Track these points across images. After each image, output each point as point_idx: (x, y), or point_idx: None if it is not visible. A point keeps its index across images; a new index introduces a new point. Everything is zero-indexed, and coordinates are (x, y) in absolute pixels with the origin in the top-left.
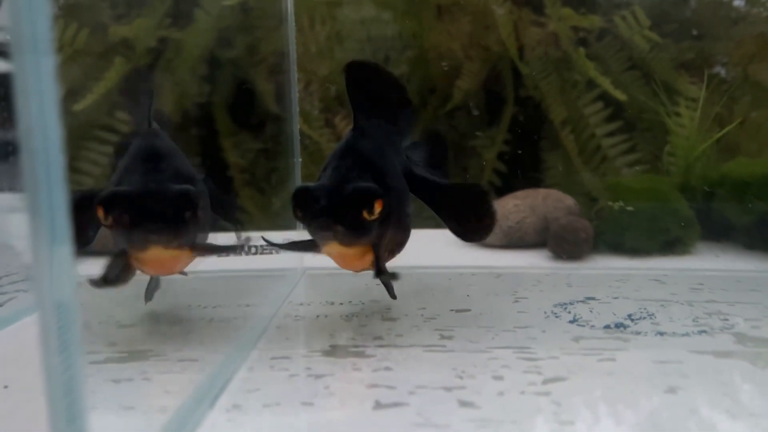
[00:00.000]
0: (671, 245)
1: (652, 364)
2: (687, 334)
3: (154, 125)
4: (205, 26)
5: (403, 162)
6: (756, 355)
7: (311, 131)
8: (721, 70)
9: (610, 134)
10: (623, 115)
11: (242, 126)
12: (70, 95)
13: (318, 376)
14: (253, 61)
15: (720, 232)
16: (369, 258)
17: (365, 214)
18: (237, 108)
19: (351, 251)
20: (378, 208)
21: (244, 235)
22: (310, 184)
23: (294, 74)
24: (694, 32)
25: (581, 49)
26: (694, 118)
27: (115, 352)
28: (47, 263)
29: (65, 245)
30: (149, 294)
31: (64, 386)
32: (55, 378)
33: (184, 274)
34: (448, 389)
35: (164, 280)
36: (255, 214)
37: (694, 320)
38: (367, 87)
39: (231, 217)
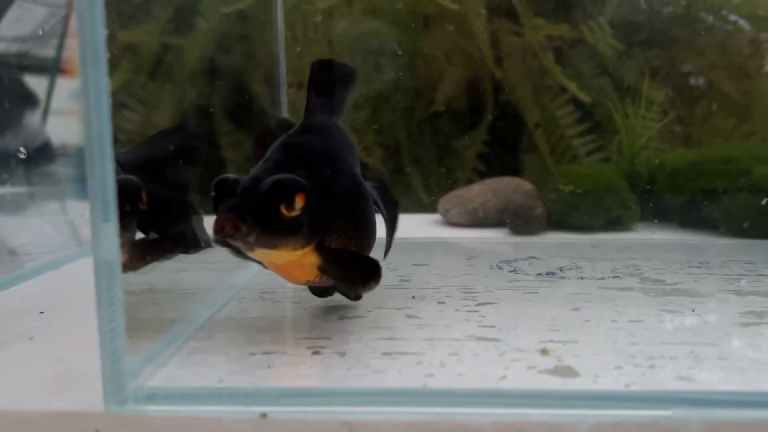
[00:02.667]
0: (613, 223)
1: (566, 294)
2: (602, 278)
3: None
4: (204, 33)
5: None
6: (650, 289)
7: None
8: (686, 77)
9: (580, 135)
10: (592, 117)
11: (239, 126)
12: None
13: (296, 302)
14: (249, 66)
15: (658, 213)
16: (312, 267)
17: (283, 209)
18: (234, 109)
19: (279, 256)
20: (300, 203)
21: None
22: (232, 176)
23: (283, 79)
24: (663, 41)
25: (550, 55)
26: (637, 116)
27: None
28: (99, 234)
29: (112, 222)
30: None
31: (110, 313)
32: (103, 309)
33: None
34: (399, 308)
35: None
36: None
37: (612, 270)
38: (322, 84)
39: None
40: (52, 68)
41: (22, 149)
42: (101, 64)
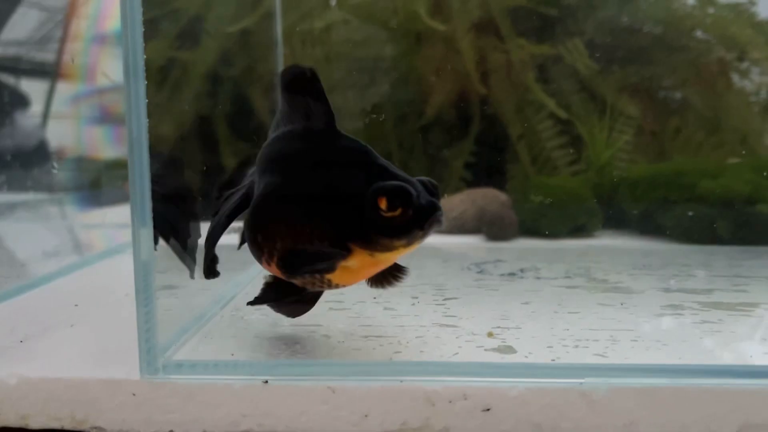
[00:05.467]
0: (578, 230)
1: (521, 291)
2: (555, 278)
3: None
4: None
5: None
6: (593, 287)
7: None
8: (661, 93)
9: (559, 147)
10: (571, 131)
11: (239, 136)
12: None
13: None
14: (251, 79)
15: (620, 221)
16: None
17: None
18: (236, 120)
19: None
20: None
21: None
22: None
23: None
24: (639, 59)
25: (531, 74)
26: (603, 130)
27: None
28: (138, 237)
29: (148, 227)
30: None
31: (146, 305)
32: (141, 302)
33: None
34: (378, 302)
35: None
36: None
37: (566, 271)
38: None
39: None
40: (52, 72)
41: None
42: (140, 75)
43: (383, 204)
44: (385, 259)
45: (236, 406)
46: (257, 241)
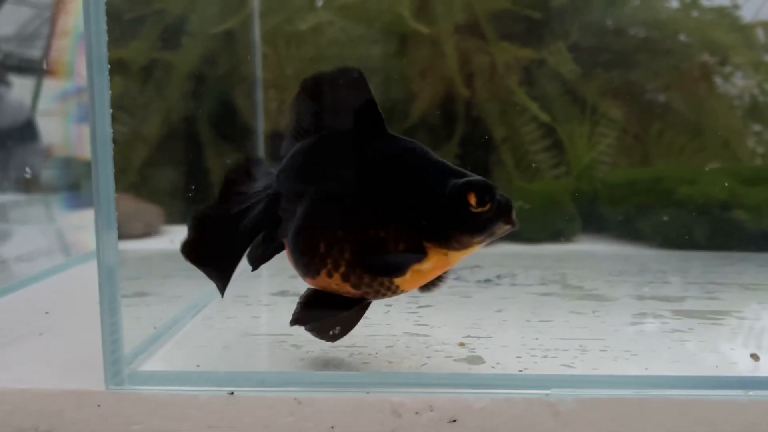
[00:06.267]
0: (557, 235)
1: (496, 298)
2: (531, 285)
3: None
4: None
5: None
6: (568, 295)
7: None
8: (645, 96)
9: (545, 150)
10: (554, 134)
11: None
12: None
13: (266, 305)
14: (234, 81)
15: (600, 226)
16: None
17: None
18: (219, 121)
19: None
20: None
21: None
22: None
23: (260, 93)
24: (623, 62)
25: (514, 77)
26: (583, 134)
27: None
28: (103, 241)
29: (112, 231)
30: None
31: (111, 310)
32: (105, 307)
33: None
34: None
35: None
36: None
37: (541, 278)
38: None
39: None
40: (38, 69)
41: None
42: (104, 71)
43: (473, 199)
44: (456, 259)
45: (202, 417)
46: (317, 252)
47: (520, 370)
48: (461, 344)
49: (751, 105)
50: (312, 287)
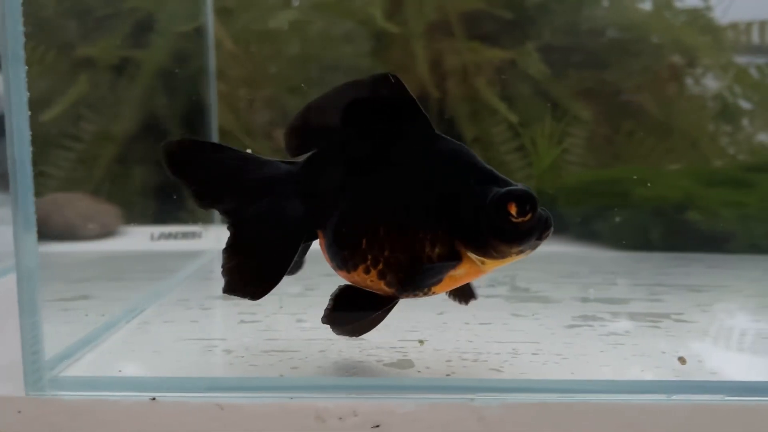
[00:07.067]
0: None
1: (440, 301)
2: (479, 287)
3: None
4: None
5: None
6: (513, 297)
7: (253, 143)
8: (615, 97)
9: (515, 150)
10: (523, 134)
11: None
12: (38, 107)
13: (205, 308)
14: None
15: (559, 228)
16: None
17: None
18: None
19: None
20: None
21: None
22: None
23: (214, 92)
24: (593, 63)
25: (482, 78)
26: (544, 136)
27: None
28: (21, 243)
29: (31, 232)
30: None
31: (31, 315)
32: (25, 311)
33: None
34: (293, 314)
35: None
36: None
37: (490, 279)
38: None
39: None
40: None
41: None
42: (20, 62)
43: (513, 209)
44: (490, 268)
45: (124, 423)
46: (358, 247)
47: (447, 375)
48: (420, 342)
49: (722, 107)
50: (344, 283)
